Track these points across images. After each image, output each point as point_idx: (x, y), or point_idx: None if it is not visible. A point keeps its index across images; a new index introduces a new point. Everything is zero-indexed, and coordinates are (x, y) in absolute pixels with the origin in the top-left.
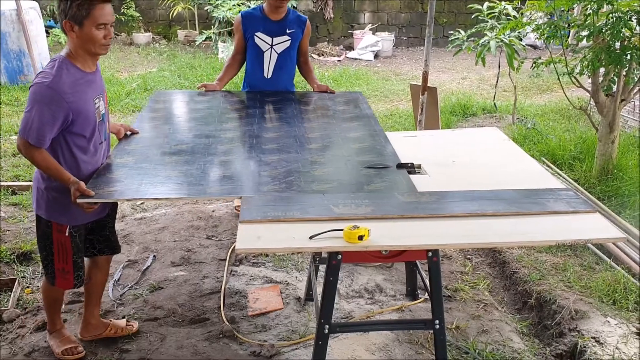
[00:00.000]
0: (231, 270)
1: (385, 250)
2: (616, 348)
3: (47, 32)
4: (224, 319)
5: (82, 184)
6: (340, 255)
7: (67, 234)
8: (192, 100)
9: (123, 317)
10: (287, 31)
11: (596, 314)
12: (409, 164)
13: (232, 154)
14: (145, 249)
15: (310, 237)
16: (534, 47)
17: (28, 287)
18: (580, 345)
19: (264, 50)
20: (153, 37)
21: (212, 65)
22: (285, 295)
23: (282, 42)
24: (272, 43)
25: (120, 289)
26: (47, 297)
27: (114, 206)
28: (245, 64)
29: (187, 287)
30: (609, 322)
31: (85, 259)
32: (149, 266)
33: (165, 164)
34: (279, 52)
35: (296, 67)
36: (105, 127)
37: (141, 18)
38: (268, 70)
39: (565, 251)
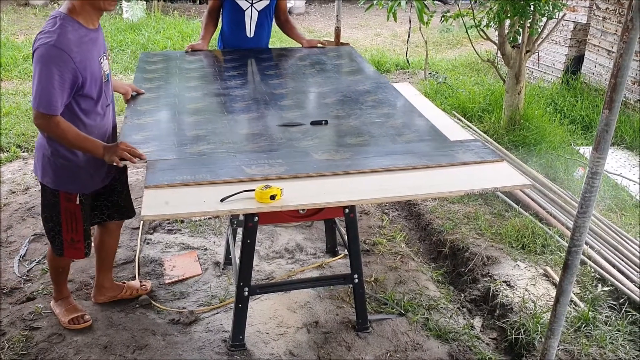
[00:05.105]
0: (145, 239)
1: (302, 210)
2: (526, 290)
3: None
4: None
5: (128, 143)
6: (256, 217)
7: (77, 203)
8: (184, 60)
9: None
10: None
11: (506, 259)
12: (323, 121)
13: (251, 112)
14: None
15: (222, 200)
16: (444, 2)
17: None
18: (493, 290)
19: (245, 8)
20: None
21: (117, 26)
22: (203, 261)
23: (262, 0)
24: (252, 1)
25: (26, 265)
26: (53, 267)
27: (122, 170)
28: (221, 24)
29: None
30: (518, 265)
31: (96, 225)
32: None
33: (187, 123)
34: (259, 10)
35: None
36: (111, 89)
37: None
38: (250, 29)
39: (477, 200)
